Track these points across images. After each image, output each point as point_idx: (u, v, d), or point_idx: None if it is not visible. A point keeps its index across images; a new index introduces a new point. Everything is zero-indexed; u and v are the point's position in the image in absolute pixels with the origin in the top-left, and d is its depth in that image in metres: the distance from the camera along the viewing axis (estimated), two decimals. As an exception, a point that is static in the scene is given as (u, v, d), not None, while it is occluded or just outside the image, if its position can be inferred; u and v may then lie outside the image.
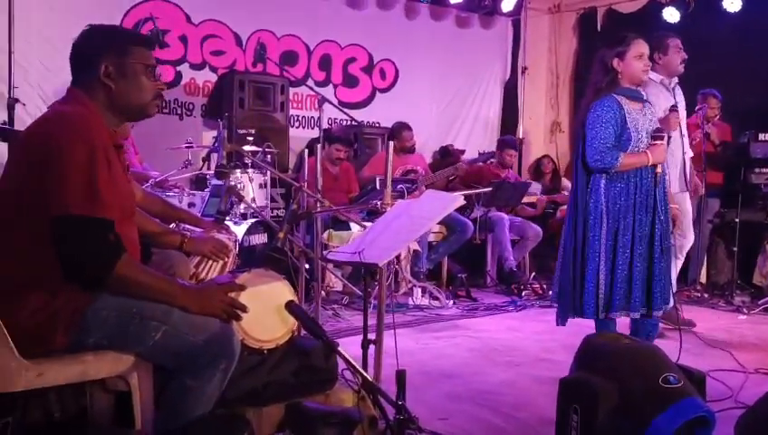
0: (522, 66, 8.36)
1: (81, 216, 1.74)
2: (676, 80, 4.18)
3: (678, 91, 4.18)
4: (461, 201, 2.22)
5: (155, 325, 1.84)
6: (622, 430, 1.92)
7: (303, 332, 2.29)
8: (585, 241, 3.31)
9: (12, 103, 4.88)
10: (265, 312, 2.07)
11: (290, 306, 1.96)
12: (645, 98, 3.44)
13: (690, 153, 4.39)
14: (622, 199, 3.26)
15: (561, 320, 3.45)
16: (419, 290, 5.34)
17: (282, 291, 2.11)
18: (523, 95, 8.43)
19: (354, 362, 1.83)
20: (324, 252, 3.09)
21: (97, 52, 1.93)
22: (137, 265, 1.86)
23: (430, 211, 2.07)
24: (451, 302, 5.37)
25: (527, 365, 3.76)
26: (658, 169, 3.30)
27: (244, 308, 1.91)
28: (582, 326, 3.64)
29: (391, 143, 2.60)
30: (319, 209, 3.04)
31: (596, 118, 3.24)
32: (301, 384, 2.08)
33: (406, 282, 5.37)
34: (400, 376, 1.91)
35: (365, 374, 1.86)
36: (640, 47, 3.31)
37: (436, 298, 5.31)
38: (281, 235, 2.31)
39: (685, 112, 4.27)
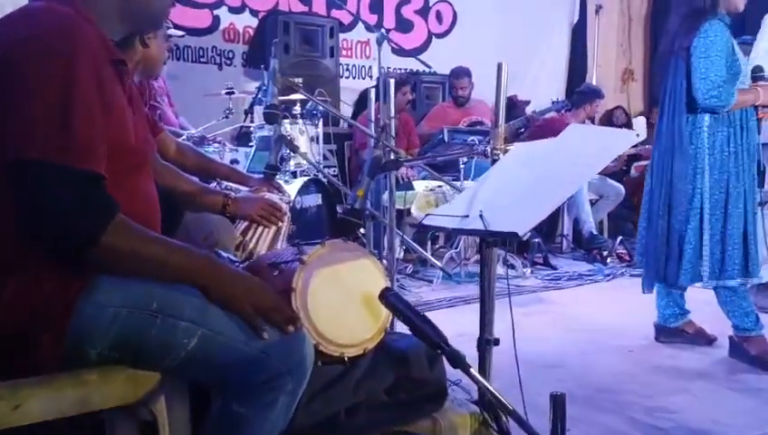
0: (596, 5, 7.46)
1: (43, 162, 1.11)
2: None
3: None
4: (636, 138, 1.53)
5: (186, 327, 1.22)
6: None
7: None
8: (680, 194, 2.86)
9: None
10: (347, 303, 1.42)
11: (386, 297, 1.31)
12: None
13: None
14: (730, 146, 2.80)
15: (648, 287, 3.07)
16: (491, 258, 4.66)
17: (371, 273, 1.46)
18: (596, 38, 7.55)
19: (495, 391, 1.19)
20: (414, 213, 2.42)
21: None
22: (135, 229, 1.19)
23: (594, 152, 1.37)
24: (528, 270, 4.70)
25: (643, 351, 3.08)
26: (761, 114, 2.90)
27: (295, 321, 1.28)
28: (690, 300, 3.10)
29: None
30: (406, 158, 2.37)
31: (710, 45, 2.70)
32: (399, 405, 1.44)
33: (473, 248, 4.69)
34: (558, 401, 1.26)
35: (505, 402, 1.21)
36: None
37: (512, 266, 4.64)
38: (359, 192, 1.66)
39: None
